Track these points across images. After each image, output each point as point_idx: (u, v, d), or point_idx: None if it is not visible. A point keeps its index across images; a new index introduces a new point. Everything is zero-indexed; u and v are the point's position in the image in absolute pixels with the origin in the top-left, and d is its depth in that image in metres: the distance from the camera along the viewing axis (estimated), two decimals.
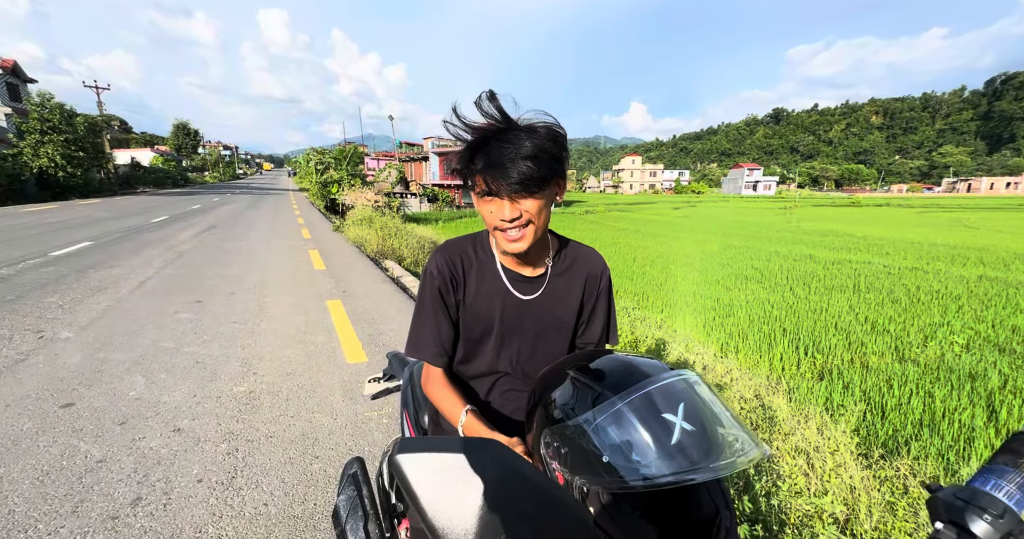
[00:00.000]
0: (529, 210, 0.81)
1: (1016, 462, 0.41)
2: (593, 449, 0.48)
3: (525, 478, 0.30)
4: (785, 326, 4.78)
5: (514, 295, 0.95)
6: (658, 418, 0.50)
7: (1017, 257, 9.36)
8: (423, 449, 0.31)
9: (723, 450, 0.52)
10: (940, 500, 0.43)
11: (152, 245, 8.49)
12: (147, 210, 16.35)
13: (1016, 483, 0.40)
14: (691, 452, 0.49)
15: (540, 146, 0.77)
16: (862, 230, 15.84)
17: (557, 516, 0.30)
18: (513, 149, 0.75)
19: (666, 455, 0.48)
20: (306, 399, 2.80)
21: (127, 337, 3.76)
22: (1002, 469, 0.42)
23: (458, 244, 0.99)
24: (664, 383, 0.54)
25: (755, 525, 1.59)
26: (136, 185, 35.31)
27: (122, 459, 2.13)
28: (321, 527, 1.74)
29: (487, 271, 0.96)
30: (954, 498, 0.42)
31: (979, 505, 0.40)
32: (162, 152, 54.95)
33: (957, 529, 0.40)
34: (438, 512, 0.29)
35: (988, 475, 0.42)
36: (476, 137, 0.79)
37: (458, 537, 0.29)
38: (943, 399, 3.15)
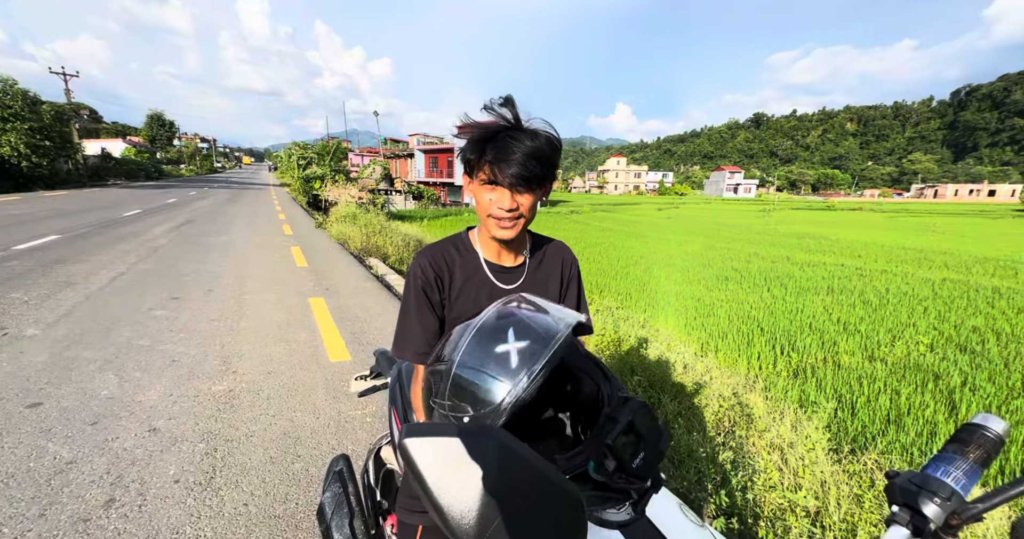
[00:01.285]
0: (524, 204, 0.90)
1: (963, 450, 0.45)
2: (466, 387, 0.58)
3: (522, 461, 0.32)
4: (763, 326, 4.92)
5: (498, 285, 1.00)
6: (493, 355, 0.59)
7: (977, 261, 9.85)
8: (429, 434, 0.33)
9: (555, 331, 0.61)
10: (896, 486, 0.47)
11: (125, 239, 8.18)
12: (119, 203, 15.74)
13: (963, 470, 0.44)
14: (529, 359, 0.58)
15: (542, 149, 0.86)
16: (837, 233, 16.40)
17: (551, 495, 0.32)
18: (521, 147, 0.84)
19: (512, 375, 0.56)
20: (288, 398, 2.75)
21: (99, 335, 3.63)
22: (951, 457, 0.45)
23: (440, 245, 1.04)
24: (488, 316, 0.66)
25: (731, 518, 1.65)
26: (107, 177, 33.92)
27: (94, 460, 2.06)
28: (303, 526, 1.72)
29: (470, 265, 1.00)
30: (909, 484, 0.46)
31: (930, 490, 0.44)
32: (135, 143, 52.91)
33: (911, 511, 0.44)
34: (443, 493, 0.31)
35: (939, 463, 0.46)
36: (490, 130, 0.87)
37: (462, 515, 0.31)
38: (908, 396, 3.30)
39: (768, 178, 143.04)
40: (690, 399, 2.82)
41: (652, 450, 0.61)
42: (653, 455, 0.61)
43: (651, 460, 0.60)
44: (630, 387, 2.88)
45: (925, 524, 0.43)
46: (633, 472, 0.59)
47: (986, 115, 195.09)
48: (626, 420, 0.60)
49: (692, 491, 1.82)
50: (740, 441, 2.32)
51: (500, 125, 0.87)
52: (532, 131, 0.87)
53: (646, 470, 0.59)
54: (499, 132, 0.86)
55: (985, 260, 9.96)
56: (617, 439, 0.58)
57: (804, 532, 1.57)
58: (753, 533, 1.62)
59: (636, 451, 0.60)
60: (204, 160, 77.06)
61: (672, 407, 2.65)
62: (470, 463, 0.31)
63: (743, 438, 2.35)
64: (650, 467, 0.60)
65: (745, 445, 2.28)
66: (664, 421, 0.67)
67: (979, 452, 0.44)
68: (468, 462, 0.31)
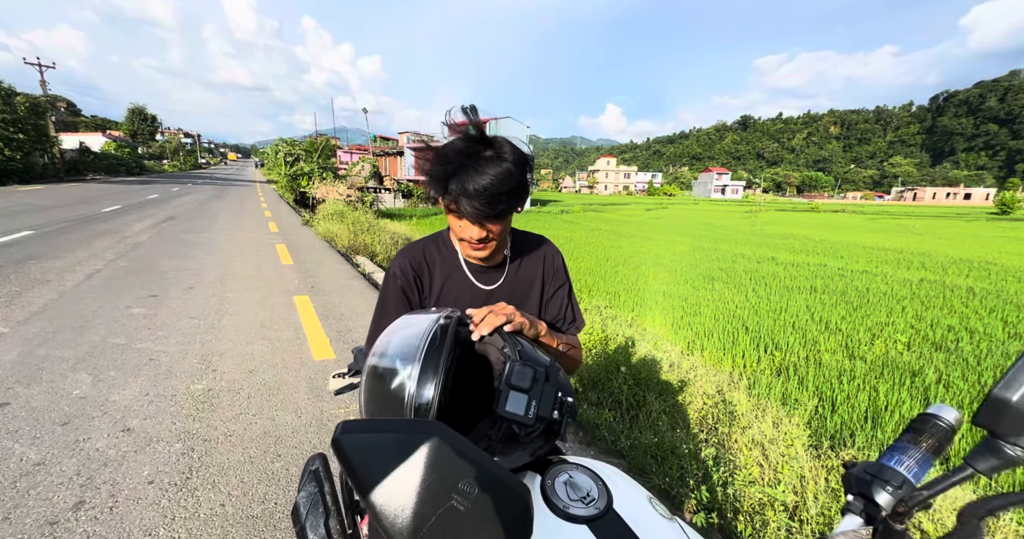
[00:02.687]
0: (494, 231, 0.86)
1: (917, 440, 0.46)
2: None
3: (464, 456, 0.31)
4: (747, 325, 4.99)
5: (477, 286, 0.97)
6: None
7: (953, 262, 10.14)
8: (364, 430, 0.31)
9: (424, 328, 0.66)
10: (852, 475, 0.48)
11: (103, 236, 7.96)
12: (97, 198, 15.30)
13: (915, 459, 0.45)
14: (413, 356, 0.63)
15: (510, 173, 0.79)
16: (820, 234, 16.74)
17: (495, 491, 0.31)
18: (486, 178, 0.77)
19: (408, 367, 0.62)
20: (269, 397, 2.70)
21: (72, 333, 3.52)
22: (905, 446, 0.47)
23: (420, 245, 1.01)
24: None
25: (711, 513, 1.67)
26: (85, 172, 32.97)
27: (63, 461, 2.00)
28: (281, 526, 1.69)
29: (450, 265, 0.98)
30: (864, 473, 0.47)
31: (883, 478, 0.45)
32: (115, 138, 51.53)
33: (864, 500, 0.45)
34: (378, 491, 0.30)
35: (894, 452, 0.47)
36: (451, 165, 0.79)
37: (396, 513, 0.30)
38: (886, 393, 3.37)
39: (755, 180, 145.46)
40: (675, 397, 2.85)
41: (545, 398, 0.63)
42: (548, 403, 0.63)
43: (545, 406, 0.63)
44: (616, 385, 2.89)
45: (877, 512, 0.44)
46: (536, 424, 0.62)
47: (963, 121, 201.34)
48: (507, 387, 0.62)
49: (674, 487, 1.83)
50: (723, 438, 2.35)
51: (460, 157, 0.79)
52: (496, 154, 0.79)
53: (544, 414, 0.62)
54: (460, 166, 0.78)
55: (960, 261, 10.26)
56: (504, 403, 0.61)
57: (782, 526, 1.59)
58: (732, 527, 1.64)
59: (528, 405, 0.62)
60: (188, 156, 75.37)
61: (657, 405, 2.67)
62: (407, 459, 0.30)
63: (726, 435, 2.38)
64: (547, 411, 0.63)
65: (727, 442, 2.31)
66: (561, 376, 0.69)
67: (932, 441, 0.45)
68: (405, 458, 0.30)
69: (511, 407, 0.62)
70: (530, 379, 0.63)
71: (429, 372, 0.61)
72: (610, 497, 0.62)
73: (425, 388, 0.60)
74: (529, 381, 0.63)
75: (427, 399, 0.60)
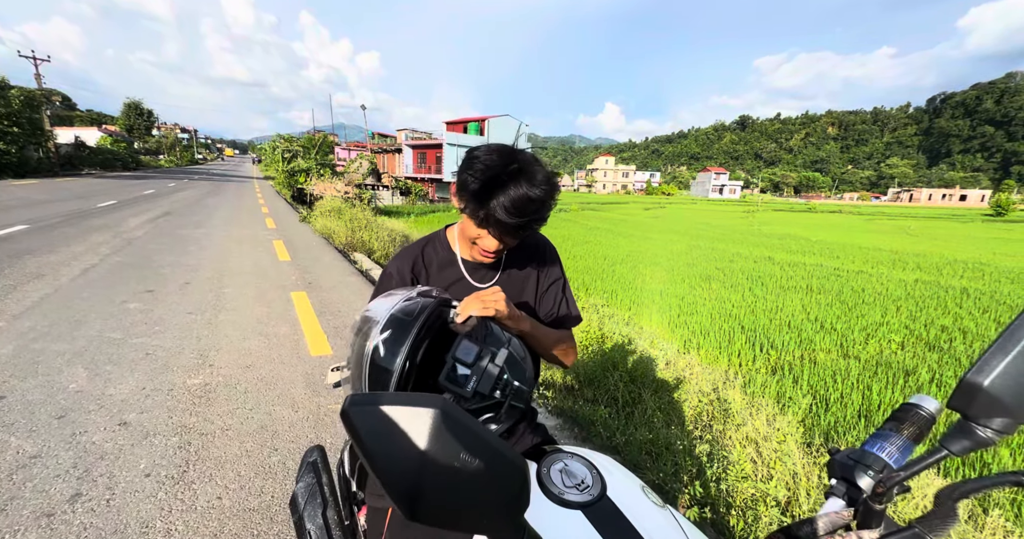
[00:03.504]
0: (510, 243, 0.90)
1: (899, 428, 0.48)
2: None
3: (466, 428, 0.33)
4: (743, 324, 5.02)
5: (473, 284, 0.98)
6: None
7: (948, 262, 10.22)
8: (372, 403, 0.33)
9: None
10: (836, 461, 0.50)
11: (98, 231, 7.92)
12: (93, 193, 15.20)
13: (896, 445, 0.47)
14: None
15: (543, 202, 0.82)
16: (817, 235, 16.82)
17: (495, 462, 0.33)
18: (525, 205, 0.80)
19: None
20: (266, 391, 2.71)
21: (68, 327, 3.51)
22: (887, 434, 0.48)
23: (418, 247, 1.02)
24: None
25: (704, 508, 1.69)
26: (81, 166, 32.73)
27: (60, 454, 2.00)
28: (278, 519, 1.70)
29: (446, 263, 0.99)
30: (847, 459, 0.49)
31: (865, 463, 0.47)
32: (111, 132, 51.12)
33: (847, 484, 0.48)
34: (385, 459, 0.32)
35: (876, 439, 0.49)
36: (493, 185, 0.81)
37: (399, 480, 0.32)
38: (879, 392, 3.41)
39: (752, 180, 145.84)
40: (670, 394, 2.87)
41: (487, 376, 0.66)
42: (488, 381, 0.66)
43: (485, 383, 0.66)
44: (612, 382, 2.91)
45: (859, 495, 0.46)
46: (473, 398, 0.65)
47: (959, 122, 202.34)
48: (451, 359, 0.66)
49: (668, 482, 1.85)
50: (717, 435, 2.37)
51: (501, 178, 0.80)
52: (531, 179, 0.81)
53: (482, 390, 0.66)
54: (501, 186, 0.80)
55: (955, 262, 10.34)
56: (445, 373, 0.65)
57: (774, 520, 1.61)
58: (725, 521, 1.66)
59: (468, 379, 0.66)
60: (184, 151, 74.94)
61: (652, 402, 2.69)
62: (412, 430, 0.32)
63: (720, 432, 2.40)
64: (486, 388, 0.66)
65: (722, 438, 2.33)
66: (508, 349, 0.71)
67: (912, 429, 0.47)
68: (410, 429, 0.32)
69: (455, 377, 0.66)
70: (475, 355, 0.66)
71: (399, 341, 0.65)
72: (604, 484, 0.63)
73: (394, 355, 0.65)
74: (473, 357, 0.66)
75: (394, 365, 0.64)
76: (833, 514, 0.46)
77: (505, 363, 0.68)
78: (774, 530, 0.50)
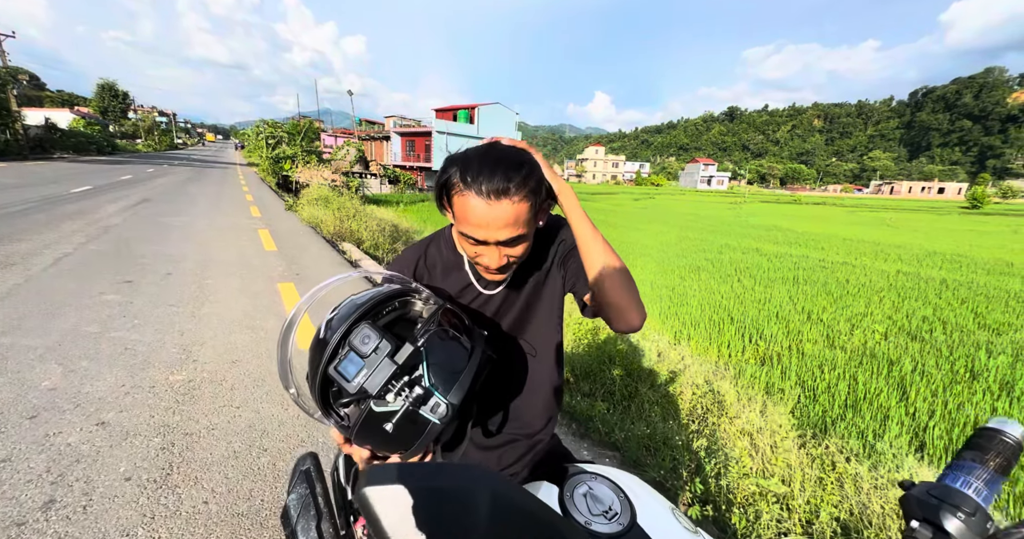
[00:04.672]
0: (515, 255, 0.74)
1: (982, 458, 0.42)
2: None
3: (522, 512, 0.25)
4: (732, 315, 5.07)
5: (480, 291, 0.88)
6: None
7: (927, 254, 10.47)
8: (397, 480, 0.25)
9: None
10: (914, 498, 0.43)
11: (72, 218, 7.57)
12: (66, 178, 14.56)
13: (983, 479, 0.41)
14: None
15: (523, 188, 0.68)
16: (802, 226, 17.08)
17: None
18: (496, 210, 0.67)
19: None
20: (254, 388, 2.62)
21: (40, 320, 3.34)
22: (970, 465, 0.42)
23: (418, 248, 0.92)
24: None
25: (705, 505, 1.68)
26: (52, 150, 31.30)
27: (32, 457, 1.89)
28: (269, 524, 1.64)
29: (452, 266, 0.89)
30: (928, 496, 0.42)
31: (952, 503, 0.40)
32: (84, 114, 48.97)
33: (932, 527, 0.40)
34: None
35: (958, 472, 0.43)
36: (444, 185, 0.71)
37: None
38: (865, 382, 3.47)
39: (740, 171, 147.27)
40: (665, 387, 2.87)
41: (380, 372, 0.58)
42: (380, 379, 0.58)
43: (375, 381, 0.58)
44: (608, 376, 2.89)
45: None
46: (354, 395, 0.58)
47: (939, 116, 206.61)
48: (347, 345, 0.60)
49: (668, 479, 1.84)
50: (713, 428, 2.38)
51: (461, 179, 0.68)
52: (498, 156, 0.68)
53: (369, 388, 0.58)
54: (464, 192, 0.68)
55: (934, 253, 10.60)
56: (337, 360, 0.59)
57: (775, 516, 1.62)
58: (726, 519, 1.66)
59: (359, 372, 0.58)
60: (163, 135, 72.19)
61: (649, 396, 2.69)
62: (454, 519, 0.24)
63: (715, 425, 2.41)
64: (374, 386, 0.57)
65: (717, 432, 2.34)
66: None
67: (999, 460, 0.41)
68: (451, 518, 0.24)
69: (342, 367, 0.58)
70: (373, 346, 0.57)
71: (345, 318, 0.60)
72: (633, 511, 0.58)
73: (333, 330, 0.59)
74: (371, 348, 0.57)
75: (332, 337, 0.59)
76: None
77: (426, 366, 0.58)
78: None
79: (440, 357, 0.60)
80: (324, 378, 0.59)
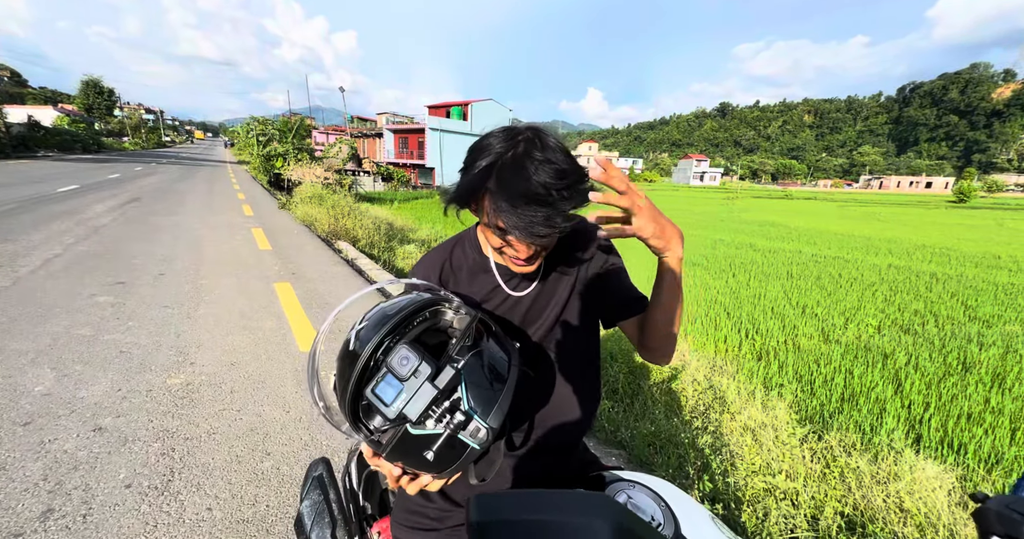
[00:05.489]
0: (547, 245, 0.71)
1: None
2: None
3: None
4: (728, 310, 5.10)
5: (509, 293, 0.84)
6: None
7: (917, 248, 10.63)
8: (516, 510, 0.23)
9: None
10: (992, 512, 0.41)
11: (59, 218, 7.42)
12: (51, 177, 14.25)
13: None
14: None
15: (552, 203, 0.63)
16: (794, 221, 17.23)
17: None
18: (529, 206, 0.62)
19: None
20: (254, 391, 2.58)
21: (30, 323, 3.27)
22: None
23: (445, 250, 0.88)
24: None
25: (715, 504, 1.69)
26: (36, 148, 30.63)
27: (27, 466, 1.85)
28: (275, 530, 1.61)
29: (478, 269, 0.86)
30: (1008, 510, 0.40)
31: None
32: (68, 112, 47.93)
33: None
34: None
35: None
36: (491, 169, 0.65)
37: None
38: (860, 376, 3.51)
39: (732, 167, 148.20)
40: (667, 384, 2.88)
41: (420, 397, 0.55)
42: (419, 403, 0.55)
43: (414, 406, 0.55)
44: (611, 374, 2.90)
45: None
46: (393, 421, 0.56)
47: (926, 111, 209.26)
48: (385, 367, 0.56)
49: (676, 477, 1.85)
50: (716, 425, 2.39)
51: (501, 158, 0.63)
52: (542, 165, 0.63)
53: (408, 413, 0.55)
54: (506, 177, 0.63)
55: (923, 247, 10.76)
56: (375, 383, 0.56)
57: (783, 513, 1.63)
58: (736, 517, 1.67)
59: (398, 396, 0.55)
60: (150, 133, 70.93)
61: (652, 393, 2.70)
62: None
63: (718, 422, 2.42)
64: (413, 412, 0.55)
65: (720, 428, 2.35)
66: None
67: None
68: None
69: (380, 390, 0.55)
70: (412, 368, 0.55)
71: (375, 329, 0.57)
72: (676, 522, 0.57)
73: (364, 342, 0.56)
74: (410, 370, 0.55)
75: (363, 350, 0.55)
76: None
77: (465, 388, 0.56)
78: None
79: (478, 377, 0.58)
80: (356, 394, 0.56)
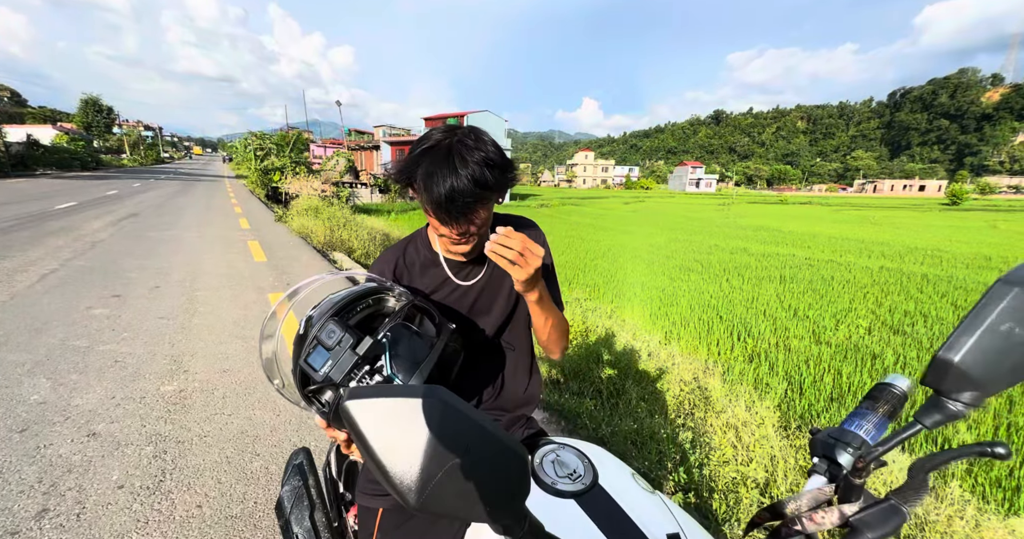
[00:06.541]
0: (476, 225, 0.80)
1: (874, 406, 0.51)
2: None
3: (463, 417, 0.33)
4: (721, 314, 5.16)
5: (457, 283, 0.93)
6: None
7: (909, 250, 10.73)
8: (372, 395, 0.33)
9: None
10: (817, 440, 0.53)
11: (57, 234, 7.50)
12: (50, 195, 14.38)
13: (873, 422, 0.50)
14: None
15: (484, 179, 0.72)
16: (789, 226, 17.38)
17: (496, 450, 0.34)
18: (459, 181, 0.71)
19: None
20: (245, 396, 2.63)
21: (27, 335, 3.32)
22: (864, 412, 0.51)
23: (397, 248, 0.98)
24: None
25: (688, 493, 1.73)
26: (34, 166, 30.88)
27: (23, 469, 1.89)
28: (263, 524, 1.66)
29: (429, 263, 0.95)
30: (827, 438, 0.51)
31: (844, 441, 0.50)
32: (67, 130, 48.43)
33: (828, 461, 0.50)
34: (386, 452, 0.32)
35: (853, 418, 0.52)
36: (411, 163, 0.76)
37: (404, 472, 0.31)
38: (849, 375, 3.56)
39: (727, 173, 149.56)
40: (653, 384, 2.93)
41: (343, 363, 0.65)
42: (343, 369, 0.64)
43: (340, 371, 0.64)
44: (597, 375, 2.95)
45: (839, 471, 0.49)
46: (322, 384, 0.65)
47: (917, 116, 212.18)
48: (314, 339, 0.66)
49: (653, 469, 1.89)
50: (699, 422, 2.43)
51: (431, 149, 0.74)
52: (467, 160, 0.71)
53: (334, 377, 0.64)
54: (431, 159, 0.73)
55: (916, 249, 10.87)
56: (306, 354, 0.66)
57: (754, 501, 1.67)
58: (708, 505, 1.71)
59: (325, 362, 0.65)
60: (149, 149, 71.55)
61: (636, 392, 2.74)
62: (412, 421, 0.32)
63: (702, 419, 2.47)
64: (339, 376, 0.64)
65: (703, 426, 2.40)
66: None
67: (887, 407, 0.50)
68: (411, 420, 0.32)
69: (311, 359, 0.65)
70: (337, 340, 0.65)
71: (325, 313, 0.67)
72: (596, 473, 0.64)
73: (312, 325, 0.65)
74: (335, 341, 0.65)
75: (310, 332, 0.65)
76: (816, 491, 0.48)
77: (388, 355, 0.65)
78: (759, 509, 0.51)
79: (403, 348, 0.67)
80: (301, 370, 0.64)
